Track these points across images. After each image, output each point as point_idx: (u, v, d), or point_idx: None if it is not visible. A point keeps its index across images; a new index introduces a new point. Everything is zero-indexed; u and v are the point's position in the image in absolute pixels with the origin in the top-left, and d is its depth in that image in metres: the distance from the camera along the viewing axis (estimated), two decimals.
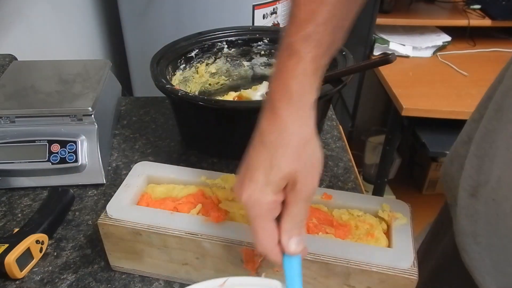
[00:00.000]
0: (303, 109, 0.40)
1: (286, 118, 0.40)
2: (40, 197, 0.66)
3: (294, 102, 0.40)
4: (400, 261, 0.44)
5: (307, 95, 0.41)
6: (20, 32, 0.92)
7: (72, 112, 0.67)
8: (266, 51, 0.86)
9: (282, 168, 0.38)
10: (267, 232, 0.39)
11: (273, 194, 0.38)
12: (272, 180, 0.38)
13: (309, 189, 0.39)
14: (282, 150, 0.38)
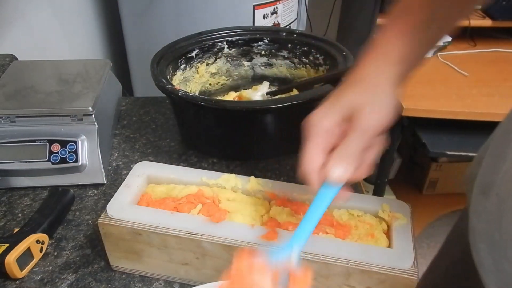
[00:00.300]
0: (385, 65, 0.44)
1: (366, 65, 0.44)
2: (40, 197, 0.66)
3: (378, 57, 0.44)
4: (400, 261, 0.44)
5: (392, 54, 0.44)
6: (20, 32, 0.92)
7: (73, 112, 0.67)
8: (266, 51, 0.86)
9: (347, 97, 0.42)
10: (314, 154, 0.41)
11: (331, 119, 0.41)
12: (335, 106, 0.41)
13: (369, 123, 0.40)
14: (353, 85, 0.43)
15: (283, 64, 0.87)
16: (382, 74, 0.43)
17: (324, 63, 0.80)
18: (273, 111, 0.66)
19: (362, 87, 0.43)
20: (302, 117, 0.71)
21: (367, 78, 0.43)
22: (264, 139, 0.71)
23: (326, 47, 0.80)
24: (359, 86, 0.43)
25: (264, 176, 0.69)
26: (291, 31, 0.86)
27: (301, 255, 0.44)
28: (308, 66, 0.83)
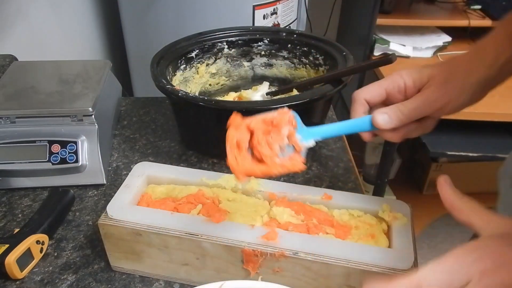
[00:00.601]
0: (478, 66, 0.45)
1: (460, 62, 0.46)
2: (40, 197, 0.66)
3: (474, 57, 0.46)
4: (400, 262, 0.44)
5: (489, 56, 0.45)
6: (20, 32, 0.92)
7: (73, 113, 0.67)
8: (266, 52, 0.86)
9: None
10: (374, 89, 0.47)
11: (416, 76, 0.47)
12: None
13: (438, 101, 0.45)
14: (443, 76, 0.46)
15: (283, 64, 0.87)
16: (471, 75, 0.45)
17: (324, 63, 0.80)
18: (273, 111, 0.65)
19: (451, 82, 0.45)
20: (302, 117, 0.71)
21: (457, 74, 0.45)
22: None
23: (326, 47, 0.80)
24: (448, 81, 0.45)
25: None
26: (291, 31, 0.86)
27: None
28: (308, 66, 0.83)
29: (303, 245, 0.45)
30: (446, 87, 0.45)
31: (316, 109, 0.72)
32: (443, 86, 0.45)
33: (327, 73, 0.78)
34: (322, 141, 0.78)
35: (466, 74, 0.45)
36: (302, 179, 0.69)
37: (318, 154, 0.75)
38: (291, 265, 0.46)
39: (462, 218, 0.37)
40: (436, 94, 0.45)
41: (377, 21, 1.63)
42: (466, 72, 0.45)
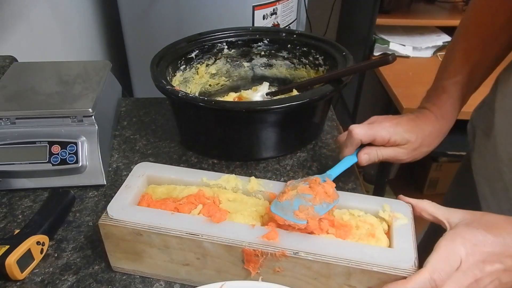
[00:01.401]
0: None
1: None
2: (40, 198, 0.66)
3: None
4: (401, 261, 0.44)
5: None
6: (20, 33, 0.92)
7: (73, 113, 0.67)
8: (266, 52, 0.86)
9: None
10: (359, 133, 0.60)
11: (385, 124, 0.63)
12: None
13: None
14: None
15: (283, 64, 0.87)
16: (439, 137, 0.65)
17: (324, 63, 0.80)
18: (273, 111, 0.66)
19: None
20: (302, 117, 0.71)
21: (425, 142, 0.63)
22: (264, 140, 0.71)
23: (326, 47, 0.80)
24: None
25: (264, 177, 0.69)
26: (290, 31, 0.86)
27: (302, 254, 0.44)
28: (308, 67, 0.83)
29: (303, 245, 0.45)
30: (413, 153, 0.63)
31: (316, 109, 0.73)
32: (411, 152, 0.62)
33: (326, 73, 0.78)
34: (322, 141, 0.78)
35: (434, 139, 0.64)
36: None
37: (318, 154, 0.75)
38: (291, 265, 0.46)
39: (427, 215, 0.50)
40: (404, 156, 0.62)
41: (377, 21, 1.63)
42: (434, 138, 0.64)
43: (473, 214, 0.47)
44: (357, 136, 0.60)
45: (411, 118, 0.63)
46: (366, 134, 0.60)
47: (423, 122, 0.63)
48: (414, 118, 0.63)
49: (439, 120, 0.63)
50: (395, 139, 0.60)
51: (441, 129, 0.64)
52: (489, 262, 0.43)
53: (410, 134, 0.61)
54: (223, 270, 0.49)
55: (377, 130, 0.60)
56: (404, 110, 1.38)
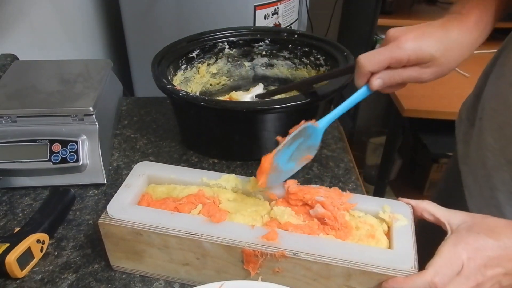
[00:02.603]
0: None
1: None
2: (41, 196, 0.66)
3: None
4: (400, 262, 0.44)
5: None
6: (22, 32, 0.92)
7: (73, 112, 0.67)
8: (267, 52, 0.86)
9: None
10: (375, 61, 0.52)
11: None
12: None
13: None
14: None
15: (284, 64, 0.87)
16: (465, 53, 0.55)
17: (325, 64, 0.80)
18: (274, 111, 0.66)
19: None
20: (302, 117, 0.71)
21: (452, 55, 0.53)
22: (264, 140, 0.71)
23: (327, 47, 0.80)
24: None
25: None
26: (292, 31, 0.86)
27: (303, 255, 0.44)
28: (309, 67, 0.83)
29: (303, 246, 0.45)
30: (439, 70, 0.52)
31: (317, 109, 0.72)
32: (437, 70, 0.52)
33: (322, 73, 0.78)
34: (323, 142, 0.78)
35: (464, 51, 0.53)
36: (303, 179, 0.69)
37: (318, 155, 0.75)
38: (291, 265, 0.46)
39: (428, 215, 0.49)
40: (428, 76, 0.53)
41: (378, 22, 1.63)
42: (464, 50, 0.53)
43: (473, 217, 0.47)
44: (363, 68, 0.52)
45: (440, 24, 0.53)
46: (374, 62, 0.52)
47: (455, 29, 0.53)
48: (445, 23, 0.53)
49: (473, 29, 0.53)
50: (416, 56, 0.51)
51: (474, 41, 0.54)
52: (490, 266, 0.43)
53: (436, 47, 0.51)
54: (222, 270, 0.49)
55: (391, 52, 0.51)
56: (405, 111, 1.38)
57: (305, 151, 0.54)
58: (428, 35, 0.51)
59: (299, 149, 0.52)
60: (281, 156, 0.51)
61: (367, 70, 0.52)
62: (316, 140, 0.54)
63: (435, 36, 0.51)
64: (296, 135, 0.51)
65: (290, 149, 0.51)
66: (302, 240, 0.46)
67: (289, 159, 0.52)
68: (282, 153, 0.51)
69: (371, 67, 0.52)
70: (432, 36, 0.51)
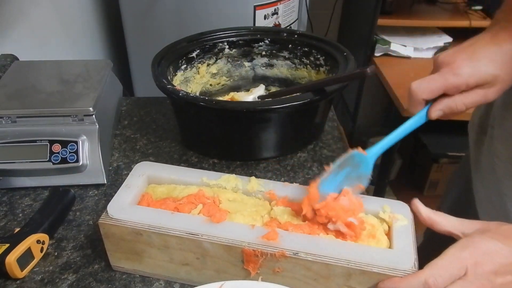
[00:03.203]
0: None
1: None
2: (41, 197, 0.66)
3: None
4: (400, 262, 0.44)
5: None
6: (21, 32, 0.92)
7: (73, 112, 0.67)
8: (267, 52, 0.86)
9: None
10: (431, 88, 0.49)
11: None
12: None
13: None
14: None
15: (284, 64, 0.87)
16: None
17: (325, 64, 0.80)
18: (274, 111, 0.66)
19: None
20: (302, 117, 0.70)
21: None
22: (265, 140, 0.71)
23: (327, 47, 0.80)
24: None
25: (264, 177, 0.69)
26: (292, 31, 0.86)
27: (303, 254, 0.44)
28: (309, 67, 0.83)
29: (303, 245, 0.45)
30: (504, 86, 0.48)
31: (317, 110, 0.72)
32: (502, 87, 0.48)
33: (305, 84, 0.79)
34: (323, 142, 0.78)
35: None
36: (302, 179, 0.69)
37: (318, 155, 0.75)
38: (291, 265, 0.46)
39: (439, 228, 0.47)
40: (495, 95, 0.49)
41: (378, 22, 1.63)
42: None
43: (488, 224, 0.45)
44: (416, 96, 0.49)
45: (489, 39, 0.49)
46: (428, 90, 0.49)
47: (507, 40, 0.48)
48: (494, 36, 0.49)
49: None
50: (475, 80, 0.47)
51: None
52: (501, 274, 0.41)
53: (494, 65, 0.47)
54: (222, 270, 0.49)
55: (446, 79, 0.48)
56: (405, 111, 1.38)
57: (355, 181, 0.51)
58: (481, 54, 0.48)
59: (348, 178, 0.50)
60: (328, 185, 0.49)
61: (420, 98, 0.49)
62: (366, 169, 0.51)
63: (489, 53, 0.48)
64: (342, 164, 0.49)
65: (337, 178, 0.50)
66: (302, 240, 0.46)
67: (337, 188, 0.50)
68: (329, 182, 0.49)
69: (425, 95, 0.49)
70: (485, 54, 0.48)
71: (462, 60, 0.48)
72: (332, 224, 0.48)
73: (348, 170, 0.50)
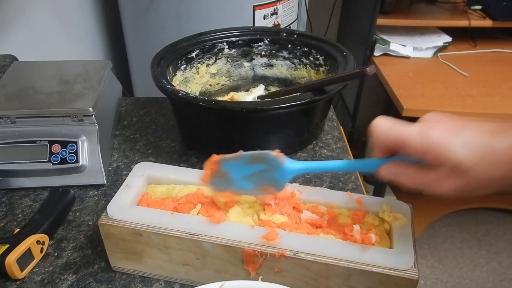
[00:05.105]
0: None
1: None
2: (40, 197, 0.66)
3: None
4: (400, 262, 0.44)
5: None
6: (21, 32, 0.92)
7: (73, 113, 0.67)
8: (266, 52, 0.86)
9: None
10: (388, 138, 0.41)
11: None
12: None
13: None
14: None
15: (284, 64, 0.87)
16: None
17: (324, 64, 0.80)
18: (274, 111, 0.65)
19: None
20: (302, 117, 0.70)
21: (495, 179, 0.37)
22: (264, 140, 0.71)
23: (327, 47, 0.80)
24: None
25: None
26: (291, 31, 0.86)
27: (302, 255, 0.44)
28: (309, 67, 0.83)
29: (303, 246, 0.45)
30: (473, 185, 0.37)
31: (317, 110, 0.72)
32: (470, 186, 0.37)
33: (305, 84, 0.79)
34: (322, 141, 0.78)
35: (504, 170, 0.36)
36: (302, 179, 0.69)
37: (318, 155, 0.75)
38: (291, 265, 0.46)
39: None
40: (452, 189, 0.38)
41: (378, 21, 1.63)
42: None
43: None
44: (376, 135, 0.41)
45: (492, 127, 0.37)
46: (386, 133, 0.41)
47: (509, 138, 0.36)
48: (500, 128, 0.37)
49: None
50: (436, 153, 0.37)
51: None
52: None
53: (468, 152, 0.36)
54: (222, 270, 0.49)
55: (408, 133, 0.39)
56: (404, 111, 1.38)
57: (268, 182, 0.48)
58: (467, 132, 0.37)
59: (261, 176, 0.49)
60: (235, 168, 0.49)
61: (379, 141, 0.42)
62: (282, 178, 0.48)
63: (475, 137, 0.37)
64: (254, 157, 0.48)
65: (248, 168, 0.49)
66: (302, 240, 0.46)
67: (246, 177, 0.49)
68: (237, 166, 0.49)
69: (384, 138, 0.41)
70: (471, 135, 0.37)
71: (440, 125, 0.39)
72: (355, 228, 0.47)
73: (263, 167, 0.48)
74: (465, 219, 1.99)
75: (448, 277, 1.73)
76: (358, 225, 0.47)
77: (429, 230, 1.91)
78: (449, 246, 1.86)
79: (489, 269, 1.77)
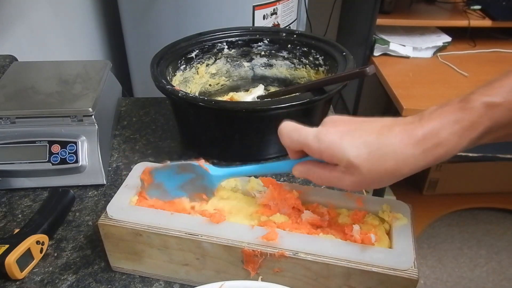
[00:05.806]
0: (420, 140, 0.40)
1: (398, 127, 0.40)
2: (40, 197, 0.66)
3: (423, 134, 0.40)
4: (400, 262, 0.44)
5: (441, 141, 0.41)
6: (20, 33, 0.92)
7: (73, 113, 0.67)
8: (266, 52, 0.86)
9: None
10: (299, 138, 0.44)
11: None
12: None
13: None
14: None
15: (283, 64, 0.87)
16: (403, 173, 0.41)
17: (324, 64, 0.80)
18: (273, 111, 0.65)
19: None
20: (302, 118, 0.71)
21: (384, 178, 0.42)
22: (264, 140, 0.71)
23: (326, 47, 0.80)
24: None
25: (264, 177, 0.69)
26: (291, 31, 0.86)
27: (301, 255, 0.44)
28: (308, 67, 0.83)
29: (303, 246, 0.45)
30: (363, 181, 0.41)
31: (317, 109, 0.72)
32: (360, 181, 0.41)
33: (305, 83, 0.79)
34: None
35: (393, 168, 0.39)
36: (302, 179, 0.69)
37: None
38: (291, 265, 0.46)
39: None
40: (350, 186, 0.42)
41: (377, 21, 1.63)
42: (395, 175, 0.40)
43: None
44: (281, 139, 0.45)
45: (381, 125, 0.41)
46: (289, 137, 0.44)
47: (397, 135, 0.39)
48: (389, 125, 0.41)
49: (419, 142, 0.39)
50: (330, 154, 0.41)
51: (415, 158, 0.39)
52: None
53: (357, 151, 0.39)
54: (222, 270, 0.49)
55: (306, 136, 0.43)
56: (404, 111, 1.38)
57: (200, 189, 0.51)
58: (357, 133, 0.40)
59: (193, 184, 0.51)
60: (167, 178, 0.51)
61: (286, 142, 0.45)
62: (211, 184, 0.51)
63: (363, 136, 0.40)
64: (182, 167, 0.51)
65: (179, 178, 0.51)
66: (302, 240, 0.46)
67: (178, 187, 0.51)
68: (168, 176, 0.51)
69: (288, 141, 0.44)
70: (359, 135, 0.40)
71: (333, 129, 0.42)
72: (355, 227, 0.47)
73: (193, 176, 0.51)
74: (465, 219, 1.99)
75: (448, 277, 1.73)
76: (358, 225, 0.47)
77: (429, 230, 1.91)
78: (448, 246, 1.86)
79: (488, 269, 1.77)
